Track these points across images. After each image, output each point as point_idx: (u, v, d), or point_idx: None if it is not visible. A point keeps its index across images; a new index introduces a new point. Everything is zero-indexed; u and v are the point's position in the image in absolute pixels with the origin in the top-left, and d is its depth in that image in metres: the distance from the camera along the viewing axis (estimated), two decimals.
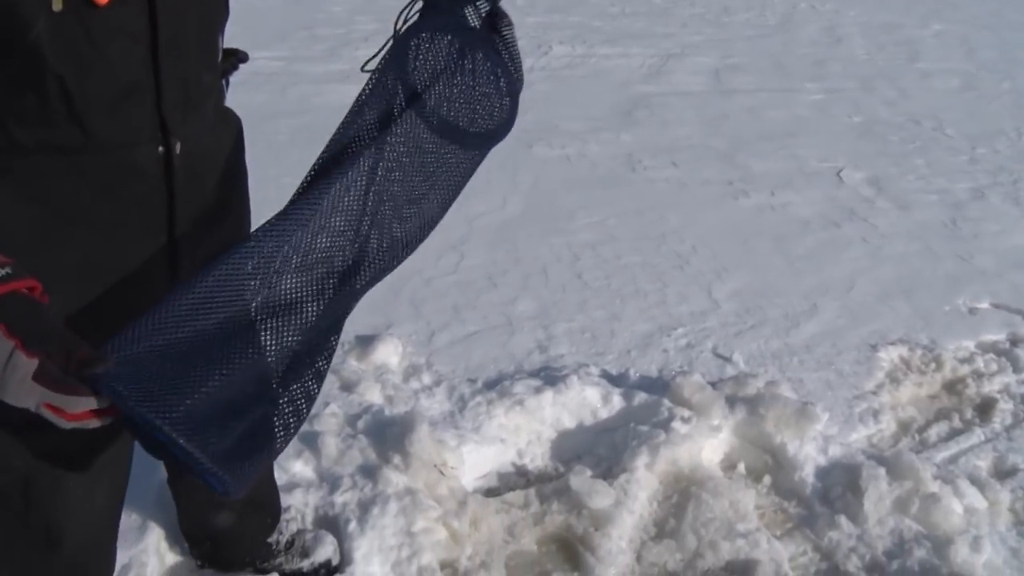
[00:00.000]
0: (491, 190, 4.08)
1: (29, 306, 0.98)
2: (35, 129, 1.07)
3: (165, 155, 1.18)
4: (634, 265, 3.56)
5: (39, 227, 1.09)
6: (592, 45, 7.25)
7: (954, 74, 7.49)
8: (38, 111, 1.05)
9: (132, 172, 1.16)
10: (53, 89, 1.04)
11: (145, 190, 1.19)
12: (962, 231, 4.34)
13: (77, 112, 1.07)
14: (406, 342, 2.87)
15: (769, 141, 5.37)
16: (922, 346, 3.23)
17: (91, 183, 1.13)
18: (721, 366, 2.94)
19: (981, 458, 2.70)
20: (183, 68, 1.15)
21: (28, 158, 1.09)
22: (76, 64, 1.03)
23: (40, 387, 0.94)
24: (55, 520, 1.38)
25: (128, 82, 1.09)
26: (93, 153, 1.11)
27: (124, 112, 1.11)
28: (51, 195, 1.12)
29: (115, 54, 1.06)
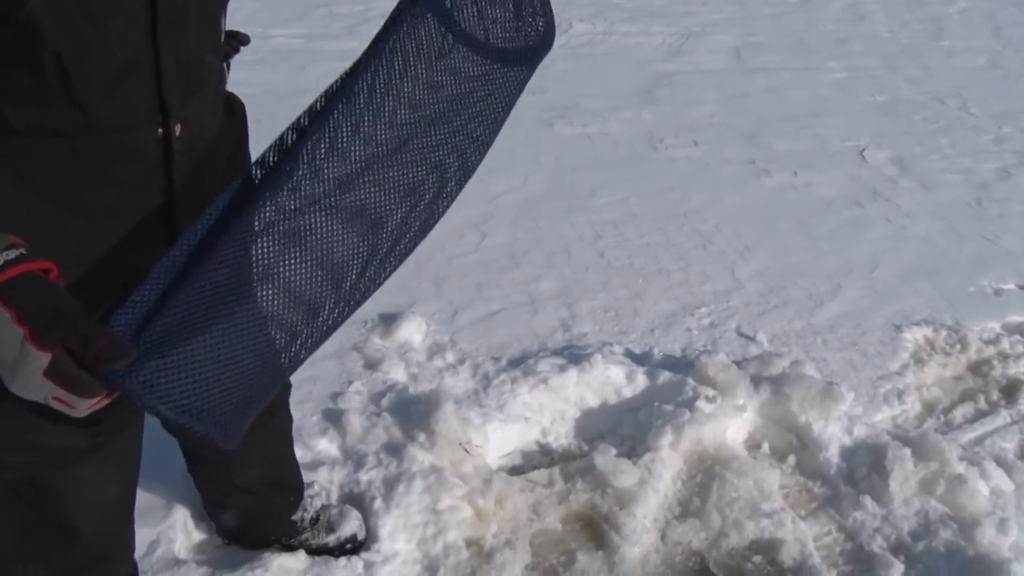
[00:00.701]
0: (512, 168, 4.07)
1: (43, 288, 0.93)
2: (30, 110, 1.03)
3: (164, 137, 1.14)
4: (656, 244, 3.54)
5: (35, 216, 1.05)
6: (612, 23, 7.19)
7: (979, 52, 7.39)
8: (33, 89, 1.01)
9: (130, 155, 1.12)
10: (49, 65, 1.00)
11: (143, 174, 1.15)
12: (987, 211, 4.30)
13: (74, 91, 1.03)
14: (429, 320, 2.87)
15: (791, 120, 5.32)
16: (947, 327, 3.21)
17: (88, 167, 1.09)
18: (745, 345, 2.93)
19: (1007, 440, 2.69)
20: (183, 48, 1.12)
21: (23, 142, 1.05)
22: (73, 40, 0.99)
23: (50, 383, 0.90)
24: (68, 514, 1.36)
25: (126, 60, 1.05)
26: (90, 135, 1.07)
27: (122, 92, 1.07)
28: (47, 181, 1.08)
29: (113, 30, 1.02)
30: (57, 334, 0.90)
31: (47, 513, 1.35)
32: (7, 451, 1.25)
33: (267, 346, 1.08)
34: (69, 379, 0.90)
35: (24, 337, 0.89)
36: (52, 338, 0.90)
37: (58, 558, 1.42)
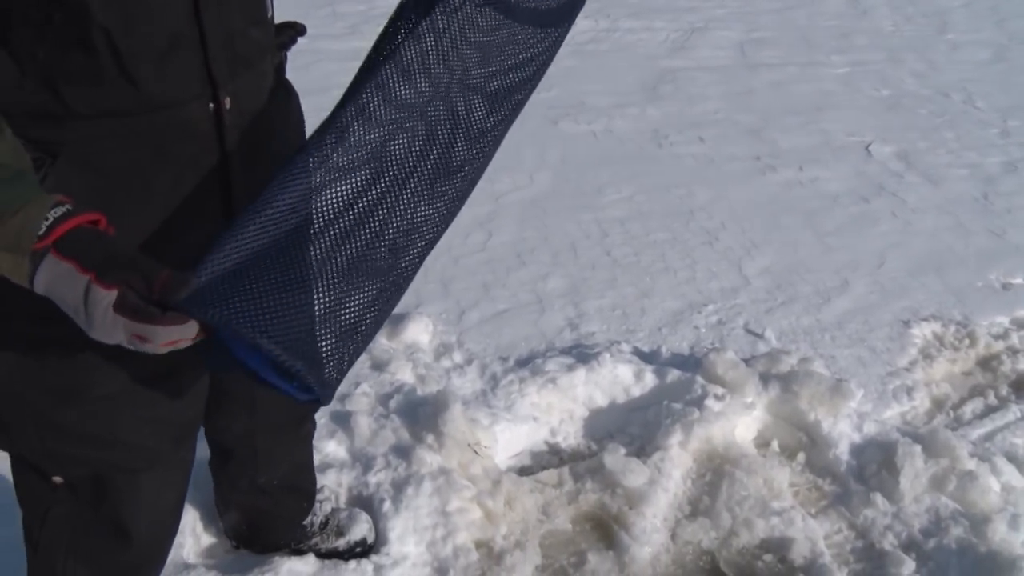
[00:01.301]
0: (518, 166, 4.06)
1: (97, 238, 0.97)
2: (86, 90, 1.05)
3: (215, 112, 1.16)
4: (663, 241, 3.53)
5: (103, 200, 1.07)
6: (616, 19, 7.18)
7: (984, 45, 7.36)
8: (87, 69, 1.04)
9: (184, 131, 1.14)
10: (101, 43, 1.02)
11: (198, 151, 1.17)
12: (994, 206, 4.28)
13: (126, 67, 1.05)
14: (436, 320, 2.87)
15: (796, 115, 5.30)
16: (955, 322, 3.20)
17: (146, 147, 1.12)
18: (753, 343, 2.92)
19: (1018, 435, 2.67)
20: (226, 19, 1.13)
21: (85, 126, 1.07)
22: (121, 15, 1.01)
23: (122, 318, 0.93)
24: (126, 516, 1.38)
25: (172, 34, 1.07)
26: (145, 114, 1.10)
27: (172, 65, 1.09)
28: (110, 164, 1.10)
29: (157, 3, 1.05)
30: (119, 273, 0.94)
31: (105, 514, 1.37)
32: (85, 443, 1.27)
33: (367, 261, 1.08)
34: (136, 309, 0.93)
35: (90, 280, 0.93)
36: (116, 276, 0.94)
37: (107, 560, 1.44)
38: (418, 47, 1.13)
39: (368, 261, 1.09)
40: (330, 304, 1.03)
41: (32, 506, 1.39)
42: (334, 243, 1.06)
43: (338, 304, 1.04)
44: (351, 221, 1.08)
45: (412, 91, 1.12)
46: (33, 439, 1.26)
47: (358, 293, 1.07)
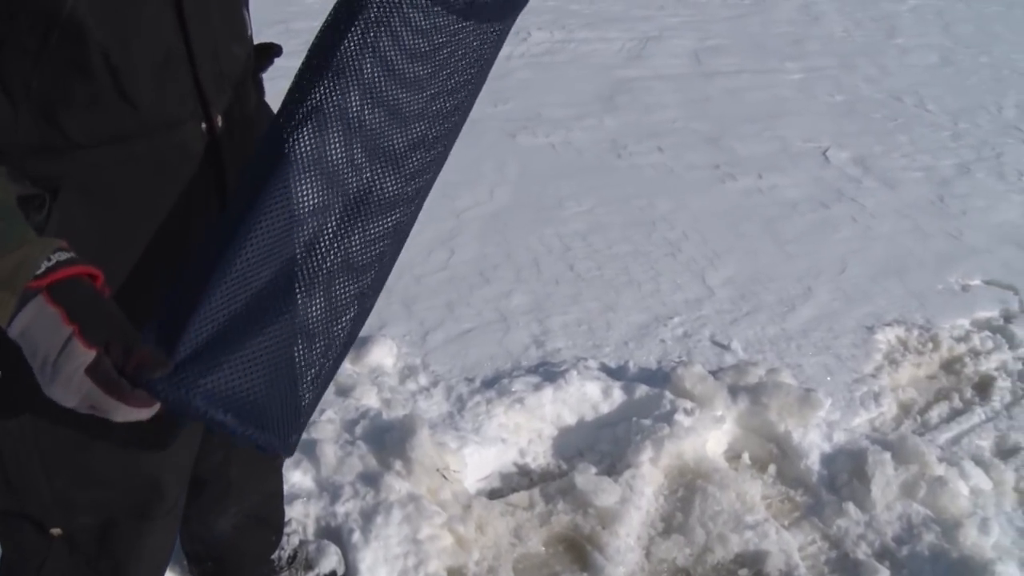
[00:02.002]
0: (478, 182, 4.03)
1: (91, 293, 0.94)
2: (85, 117, 1.02)
3: (208, 131, 1.15)
4: (626, 254, 3.52)
5: (106, 229, 1.05)
6: (571, 30, 7.19)
7: (932, 49, 7.48)
8: (85, 93, 1.01)
9: (182, 153, 1.13)
10: (99, 65, 1.00)
11: (195, 172, 1.15)
12: (950, 208, 4.33)
13: (124, 87, 1.03)
14: (400, 343, 2.82)
15: (753, 123, 5.34)
16: (918, 326, 3.22)
17: (146, 171, 1.10)
18: (720, 354, 2.91)
19: (983, 438, 2.69)
20: (211, 36, 1.12)
21: (86, 155, 1.05)
22: (117, 33, 1.00)
23: (89, 383, 0.90)
24: (128, 566, 1.34)
25: (164, 48, 1.06)
26: (144, 137, 1.08)
27: (166, 84, 1.08)
28: (112, 192, 1.08)
29: (148, 19, 1.03)
30: (104, 335, 0.91)
31: (104, 565, 1.33)
32: (106, 486, 1.24)
33: (312, 333, 1.05)
34: (108, 380, 0.90)
35: (73, 333, 0.90)
36: (99, 337, 0.91)
37: None
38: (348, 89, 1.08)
39: (329, 324, 1.07)
40: (295, 368, 1.02)
41: (22, 562, 1.33)
42: (299, 307, 1.03)
43: (302, 366, 1.03)
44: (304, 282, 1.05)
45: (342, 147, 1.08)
46: (43, 490, 1.22)
47: (316, 352, 1.05)
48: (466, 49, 1.17)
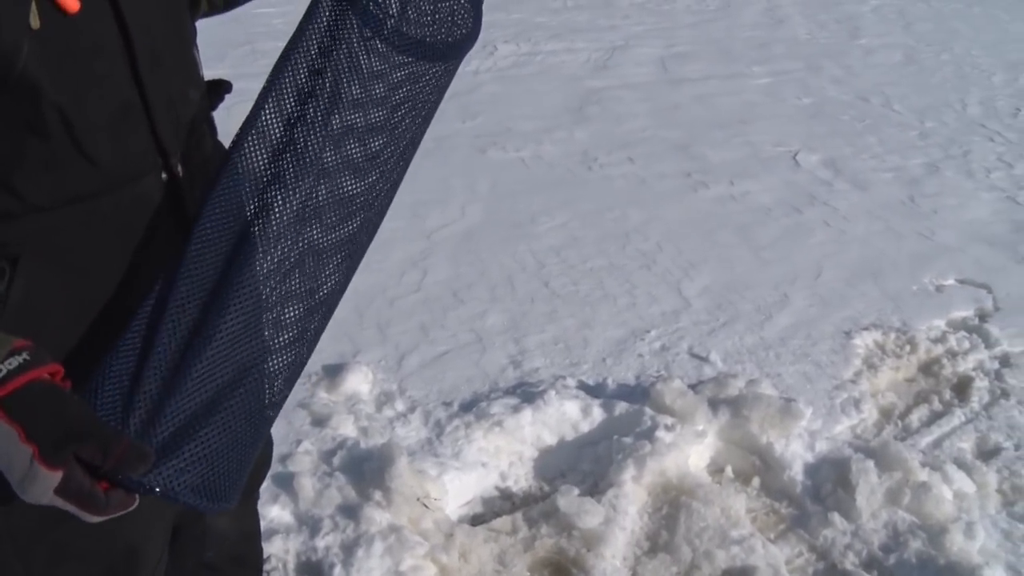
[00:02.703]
0: (448, 200, 4.00)
1: (52, 398, 0.88)
2: (43, 178, 0.98)
3: (170, 182, 1.12)
4: (600, 268, 3.49)
5: (71, 294, 1.01)
6: (537, 42, 7.19)
7: (895, 48, 7.54)
8: (43, 155, 0.97)
9: (144, 206, 1.09)
10: (54, 124, 0.96)
11: (158, 225, 1.11)
12: (921, 208, 4.35)
13: (82, 144, 0.98)
14: (375, 368, 2.78)
15: (722, 129, 5.35)
16: (895, 329, 3.22)
17: (109, 229, 1.05)
18: (699, 367, 2.89)
19: (964, 440, 2.69)
20: (166, 83, 1.09)
21: (46, 218, 1.00)
22: (70, 88, 0.96)
23: (61, 501, 0.86)
24: None
25: (120, 101, 1.03)
26: (105, 194, 1.04)
27: (124, 137, 1.04)
28: (75, 255, 1.03)
29: (101, 71, 0.99)
30: (69, 451, 0.86)
31: None
32: (75, 560, 1.18)
33: (258, 400, 1.05)
34: (80, 497, 0.86)
35: (33, 456, 0.84)
36: (63, 456, 0.85)
37: None
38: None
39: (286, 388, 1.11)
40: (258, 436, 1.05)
41: None
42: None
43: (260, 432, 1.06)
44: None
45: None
46: (18, 572, 1.15)
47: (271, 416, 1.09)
48: (411, 91, 1.15)
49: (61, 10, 0.93)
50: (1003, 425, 2.76)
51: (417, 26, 1.14)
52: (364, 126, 1.11)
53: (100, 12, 0.98)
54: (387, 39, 1.10)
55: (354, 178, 1.12)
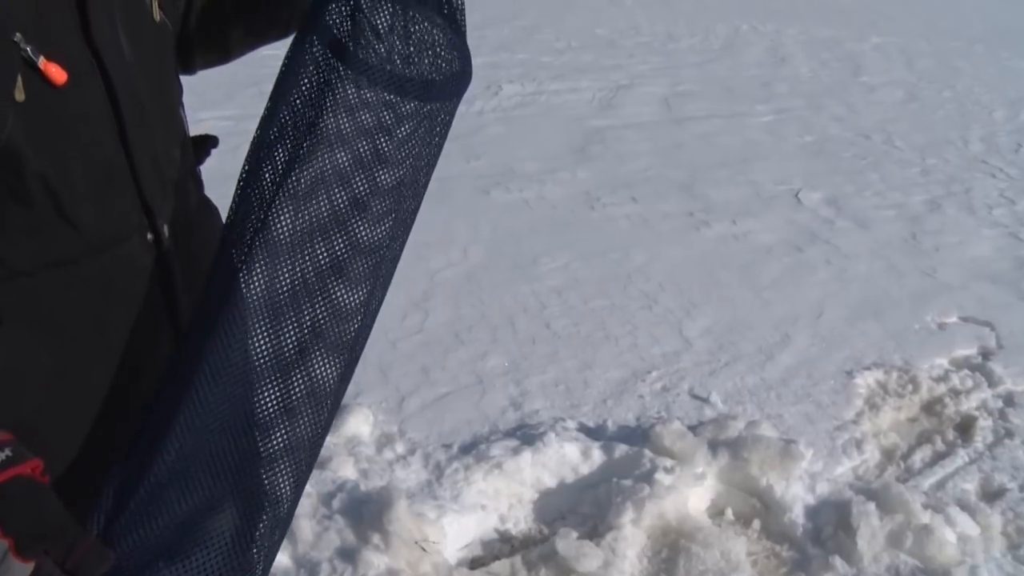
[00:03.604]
0: (451, 241, 4.03)
1: (30, 494, 0.92)
2: (26, 244, 0.99)
3: (155, 243, 1.12)
4: (602, 309, 3.50)
5: (54, 359, 1.02)
6: (541, 82, 7.26)
7: (897, 86, 7.60)
8: (25, 221, 0.98)
9: (129, 268, 1.09)
10: (37, 192, 0.97)
11: (143, 285, 1.12)
12: (923, 245, 4.36)
13: (65, 210, 1.00)
14: (376, 410, 2.79)
15: (725, 167, 5.38)
16: (897, 368, 3.22)
17: (93, 291, 1.06)
18: (699, 408, 2.89)
19: (968, 480, 2.68)
20: (152, 145, 1.10)
21: (30, 282, 1.01)
22: (54, 157, 0.97)
23: None
24: None
25: (105, 167, 1.04)
26: (89, 258, 1.04)
27: (108, 201, 1.05)
28: (59, 318, 1.04)
29: (86, 138, 1.00)
30: (41, 547, 0.90)
31: None
32: None
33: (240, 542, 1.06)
34: None
35: (8, 549, 0.89)
36: (36, 548, 0.90)
37: None
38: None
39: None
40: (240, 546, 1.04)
41: None
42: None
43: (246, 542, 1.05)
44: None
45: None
46: None
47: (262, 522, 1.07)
48: (412, 143, 1.15)
49: (48, 82, 0.95)
50: (1007, 466, 2.74)
51: (404, 65, 1.13)
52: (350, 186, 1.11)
53: (88, 80, 1.00)
54: (375, 81, 1.09)
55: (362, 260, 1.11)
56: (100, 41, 1.01)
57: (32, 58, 0.93)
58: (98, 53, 1.01)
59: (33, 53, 0.93)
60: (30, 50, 0.93)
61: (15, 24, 0.92)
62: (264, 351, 1.04)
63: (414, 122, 1.17)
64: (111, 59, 1.02)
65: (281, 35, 1.36)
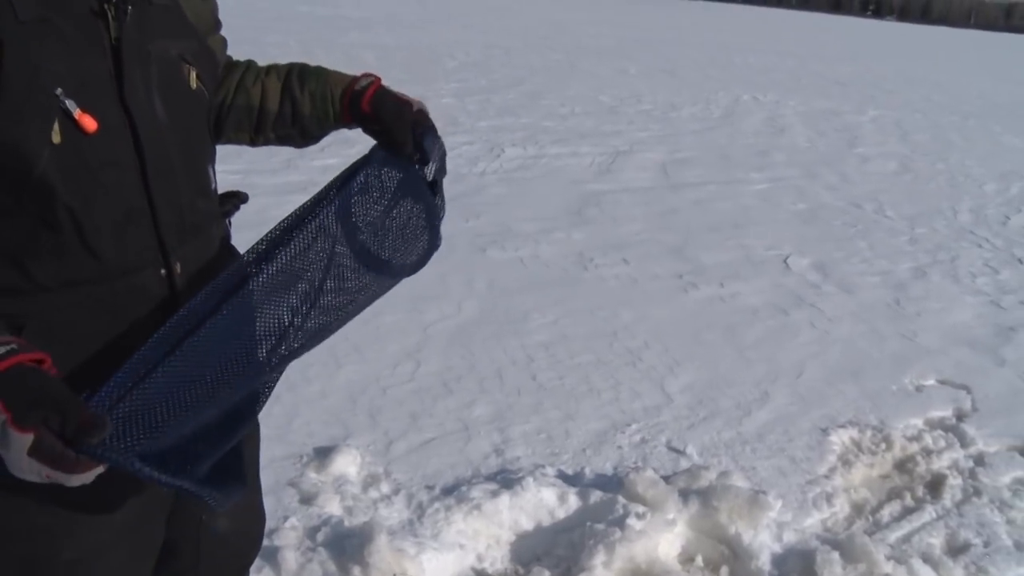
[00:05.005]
0: (446, 295, 4.17)
1: (31, 377, 1.02)
2: (51, 264, 1.15)
3: (167, 277, 1.26)
4: (587, 364, 3.63)
5: (66, 367, 1.14)
6: (543, 146, 7.47)
7: (891, 157, 7.79)
8: (53, 245, 1.14)
9: (140, 296, 1.23)
10: (65, 221, 1.13)
11: (153, 314, 1.25)
12: (906, 310, 4.49)
13: (88, 240, 1.15)
14: (364, 452, 2.90)
15: (717, 232, 5.54)
16: (872, 427, 3.32)
17: (106, 312, 1.21)
18: (675, 459, 2.99)
19: (934, 535, 2.76)
20: (174, 193, 1.25)
21: (50, 297, 1.16)
22: (81, 193, 1.13)
23: (36, 463, 0.97)
24: None
25: (127, 207, 1.19)
26: (104, 281, 1.19)
27: (127, 236, 1.20)
28: (73, 332, 1.19)
29: (111, 181, 1.16)
30: (39, 415, 0.98)
31: None
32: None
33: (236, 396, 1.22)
34: (51, 456, 0.97)
35: (6, 421, 0.97)
36: (33, 419, 0.97)
37: None
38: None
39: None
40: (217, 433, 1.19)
41: None
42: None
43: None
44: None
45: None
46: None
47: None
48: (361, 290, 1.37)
49: (81, 129, 1.11)
50: (974, 523, 2.83)
51: (383, 246, 1.40)
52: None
53: (117, 131, 1.16)
54: (357, 252, 1.35)
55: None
56: (132, 101, 1.17)
57: (69, 109, 1.10)
58: (129, 111, 1.17)
59: (71, 105, 1.10)
60: (68, 103, 1.09)
61: (58, 81, 1.09)
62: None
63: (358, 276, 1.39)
64: (141, 117, 1.18)
65: (303, 146, 1.56)
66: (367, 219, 1.38)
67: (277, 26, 15.85)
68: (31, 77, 1.07)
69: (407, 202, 1.44)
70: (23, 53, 1.06)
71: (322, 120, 1.47)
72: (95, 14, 1.14)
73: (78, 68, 1.12)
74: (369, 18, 20.69)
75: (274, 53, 11.86)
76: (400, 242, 1.43)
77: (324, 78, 1.48)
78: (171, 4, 1.28)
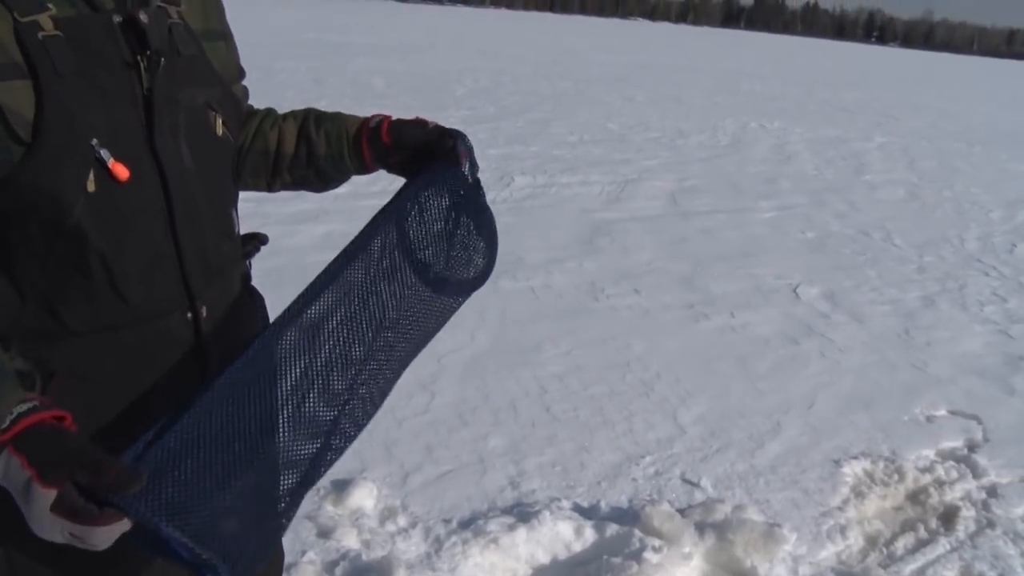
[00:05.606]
0: (459, 326, 4.20)
1: (54, 434, 1.03)
2: (82, 309, 1.18)
3: (194, 320, 1.30)
4: (601, 395, 3.66)
5: (95, 410, 1.17)
6: (552, 174, 7.52)
7: (899, 184, 7.83)
8: (84, 290, 1.17)
9: (167, 340, 1.27)
10: (96, 267, 1.16)
11: (180, 357, 1.29)
12: (915, 340, 4.51)
13: (117, 285, 1.18)
14: (381, 485, 2.93)
15: (726, 261, 5.57)
16: (884, 458, 3.33)
17: (134, 356, 1.24)
18: (690, 492, 3.01)
19: (948, 568, 2.77)
20: (200, 237, 1.29)
21: (81, 342, 1.19)
22: (113, 240, 1.17)
23: (59, 519, 0.98)
24: None
25: (155, 252, 1.22)
26: (133, 326, 1.23)
27: (155, 281, 1.23)
28: (102, 375, 1.22)
29: (141, 228, 1.20)
30: (64, 471, 0.99)
31: None
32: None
33: (274, 475, 1.21)
34: (73, 510, 0.98)
35: (31, 477, 0.99)
36: (58, 476, 0.99)
37: None
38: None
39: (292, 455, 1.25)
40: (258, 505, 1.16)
41: None
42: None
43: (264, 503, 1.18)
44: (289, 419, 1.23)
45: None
46: None
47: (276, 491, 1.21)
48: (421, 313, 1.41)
49: (114, 178, 1.15)
50: (988, 555, 2.84)
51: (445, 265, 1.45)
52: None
53: (148, 180, 1.20)
54: (419, 270, 1.38)
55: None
56: (161, 149, 1.21)
57: (103, 159, 1.14)
58: (159, 159, 1.21)
59: (105, 155, 1.14)
60: (103, 152, 1.13)
61: (94, 131, 1.13)
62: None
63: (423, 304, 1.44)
64: (170, 165, 1.22)
65: (321, 190, 1.58)
66: (430, 241, 1.40)
67: (286, 52, 16.02)
68: (69, 127, 1.11)
69: (463, 214, 1.47)
70: (62, 104, 1.10)
71: (336, 160, 1.50)
72: (128, 65, 1.18)
73: (112, 118, 1.16)
74: (378, 44, 20.89)
75: (283, 79, 12.00)
76: (464, 254, 1.47)
77: (339, 120, 1.52)
78: (198, 54, 1.32)
